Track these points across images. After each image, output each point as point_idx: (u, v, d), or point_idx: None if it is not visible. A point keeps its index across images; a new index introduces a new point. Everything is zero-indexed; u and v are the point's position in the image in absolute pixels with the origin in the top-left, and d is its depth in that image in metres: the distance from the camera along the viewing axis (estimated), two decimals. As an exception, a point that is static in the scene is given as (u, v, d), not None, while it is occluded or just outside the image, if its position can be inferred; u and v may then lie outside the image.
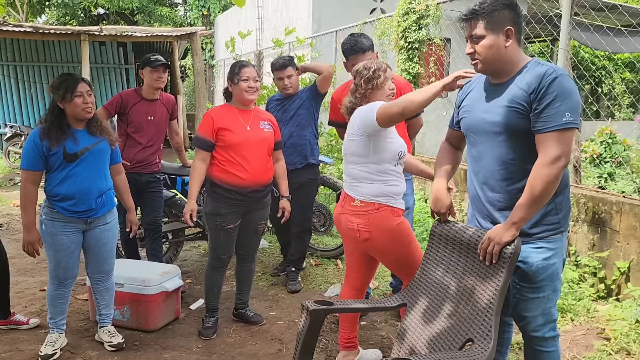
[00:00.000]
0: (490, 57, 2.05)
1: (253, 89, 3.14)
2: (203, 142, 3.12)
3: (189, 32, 10.14)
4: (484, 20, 2.03)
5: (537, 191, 1.93)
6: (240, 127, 3.13)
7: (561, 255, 2.12)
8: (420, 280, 2.38)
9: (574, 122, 1.91)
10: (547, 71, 1.95)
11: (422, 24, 6.03)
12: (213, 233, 3.23)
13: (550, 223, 2.07)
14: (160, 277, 3.36)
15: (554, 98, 1.91)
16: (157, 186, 3.98)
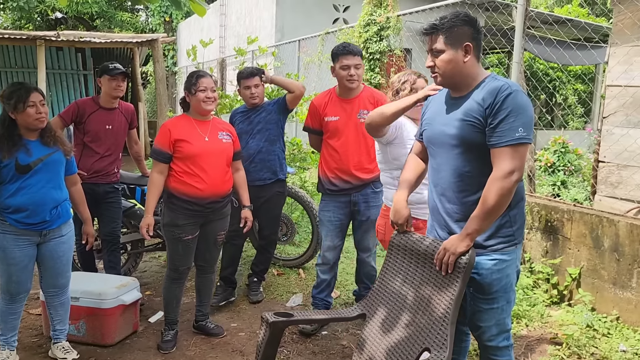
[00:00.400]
0: (448, 71, 2.10)
1: (211, 99, 3.11)
2: (160, 153, 3.08)
3: (150, 38, 10.00)
4: (443, 35, 2.09)
5: (490, 204, 1.99)
6: (198, 137, 3.10)
7: (515, 267, 2.17)
8: (379, 290, 2.41)
9: (527, 137, 1.97)
10: (502, 87, 2.00)
11: (383, 35, 6.13)
12: (171, 244, 3.19)
13: (504, 235, 2.11)
14: (117, 290, 3.29)
15: (508, 113, 1.96)
16: (115, 196, 3.91)
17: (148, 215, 3.08)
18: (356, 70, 3.35)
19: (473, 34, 2.09)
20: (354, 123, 3.40)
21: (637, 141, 4.33)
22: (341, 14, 9.92)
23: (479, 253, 2.09)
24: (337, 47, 3.47)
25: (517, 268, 2.19)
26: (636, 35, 4.43)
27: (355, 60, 3.35)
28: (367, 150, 3.47)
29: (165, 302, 3.30)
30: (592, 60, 9.51)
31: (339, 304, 3.91)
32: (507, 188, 1.97)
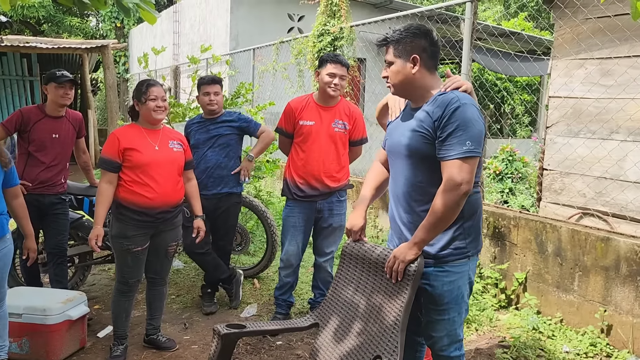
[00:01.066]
0: (398, 82, 2.15)
1: (161, 109, 3.07)
2: (109, 163, 3.01)
3: (100, 45, 9.75)
4: (393, 47, 2.14)
5: (438, 215, 2.02)
6: (148, 146, 3.05)
7: (467, 279, 2.18)
8: (332, 299, 2.43)
9: (475, 150, 1.99)
10: (451, 100, 2.02)
11: (336, 45, 6.20)
12: (120, 256, 3.11)
13: (456, 248, 2.13)
14: (63, 305, 3.17)
15: (456, 127, 1.98)
16: (62, 208, 3.78)
17: (97, 226, 2.99)
18: (341, 81, 3.44)
19: (424, 46, 2.11)
20: (328, 131, 3.47)
21: (577, 150, 4.54)
22: (296, 23, 9.96)
23: (430, 264, 2.13)
24: (328, 54, 3.55)
25: (469, 280, 2.20)
26: (575, 49, 4.66)
27: (343, 71, 3.44)
28: (337, 159, 3.53)
29: (114, 317, 3.21)
30: (535, 72, 9.90)
31: (294, 313, 3.91)
32: (454, 200, 1.99)
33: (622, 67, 4.25)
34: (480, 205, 2.22)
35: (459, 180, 1.98)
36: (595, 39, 4.46)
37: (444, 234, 2.11)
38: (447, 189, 2.00)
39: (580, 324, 3.44)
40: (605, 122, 4.40)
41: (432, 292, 2.15)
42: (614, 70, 4.33)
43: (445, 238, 2.12)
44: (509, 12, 18.01)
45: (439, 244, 2.13)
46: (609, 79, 4.37)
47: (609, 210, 4.39)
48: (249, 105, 6.42)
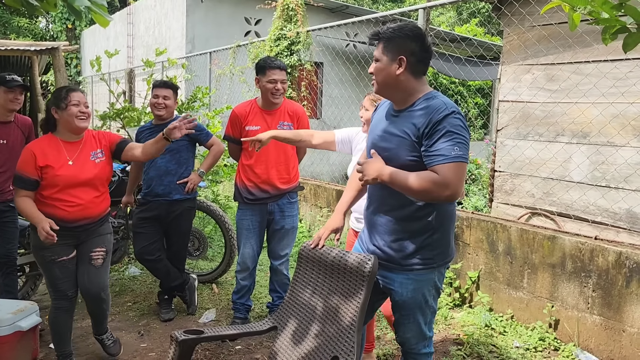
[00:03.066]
0: (381, 80, 2.10)
1: (85, 115, 2.87)
2: (25, 181, 2.79)
3: (50, 47, 9.46)
4: (382, 43, 2.08)
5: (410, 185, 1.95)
6: (63, 162, 2.84)
7: (432, 286, 2.18)
8: (289, 302, 2.45)
9: (463, 157, 1.94)
10: (439, 107, 1.98)
11: (293, 50, 6.24)
12: (46, 270, 2.93)
13: (423, 258, 2.12)
14: (13, 315, 3.07)
15: (444, 134, 1.94)
16: (11, 215, 3.66)
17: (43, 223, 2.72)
18: (282, 85, 3.47)
19: (413, 49, 2.04)
20: None
21: (525, 152, 4.73)
22: (253, 26, 9.95)
23: (395, 270, 2.15)
24: (265, 60, 3.52)
25: (435, 287, 2.20)
26: (522, 55, 4.86)
27: (282, 76, 3.46)
28: (285, 161, 3.56)
29: (56, 337, 3.06)
30: (485, 76, 10.22)
31: (252, 317, 3.91)
32: (431, 192, 1.93)
33: (565, 72, 4.46)
34: (452, 219, 2.19)
35: (448, 180, 1.90)
36: (541, 46, 4.66)
37: (411, 242, 2.11)
38: (435, 183, 1.91)
39: (529, 320, 3.59)
40: (551, 125, 4.61)
41: (396, 296, 2.19)
42: (558, 75, 4.54)
43: (412, 247, 2.11)
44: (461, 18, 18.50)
45: (405, 252, 2.12)
46: (553, 84, 4.58)
47: (555, 210, 4.59)
48: (206, 109, 6.37)
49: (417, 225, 2.11)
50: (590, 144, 4.33)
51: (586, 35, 4.23)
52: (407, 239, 2.12)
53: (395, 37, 2.05)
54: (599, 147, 4.26)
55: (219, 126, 5.64)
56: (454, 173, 1.91)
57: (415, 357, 2.31)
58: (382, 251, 2.18)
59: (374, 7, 19.57)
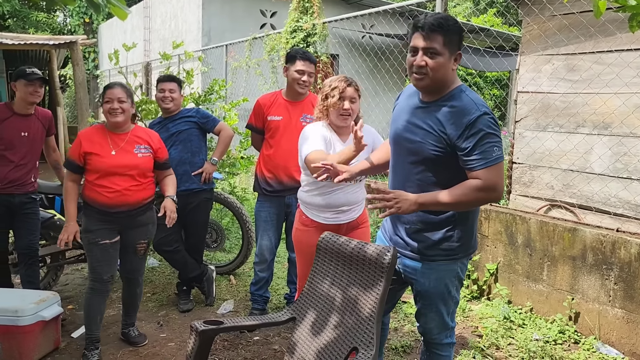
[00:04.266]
0: (439, 75, 2.00)
1: (117, 111, 3.02)
2: (72, 165, 3.07)
3: (68, 40, 9.54)
4: (445, 37, 1.96)
5: (453, 201, 1.97)
6: (107, 151, 3.04)
7: (454, 276, 2.18)
8: (308, 293, 2.46)
9: (502, 156, 1.97)
10: (469, 108, 1.96)
11: (309, 42, 6.22)
12: (89, 251, 3.10)
13: (445, 249, 2.12)
14: (36, 305, 3.13)
15: (482, 136, 1.93)
16: (32, 207, 3.72)
17: (70, 222, 3.02)
18: (309, 78, 3.46)
19: (460, 44, 2.02)
20: (296, 125, 3.46)
21: (545, 143, 4.66)
22: (268, 19, 9.94)
23: (418, 260, 2.16)
24: (297, 50, 3.55)
25: (458, 277, 2.20)
26: (542, 45, 4.78)
27: (311, 68, 3.46)
28: None
29: (87, 319, 3.15)
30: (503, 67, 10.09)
31: (270, 308, 3.92)
32: (481, 201, 1.99)
33: (587, 62, 4.38)
34: (476, 211, 2.19)
35: (493, 184, 1.94)
36: (561, 36, 4.58)
37: (434, 233, 2.11)
38: (480, 190, 1.94)
39: (549, 313, 3.56)
40: (571, 116, 4.54)
41: (418, 286, 2.20)
42: (579, 65, 4.45)
43: (435, 237, 2.11)
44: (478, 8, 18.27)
45: (428, 243, 2.12)
46: (574, 74, 4.50)
47: (575, 202, 4.53)
48: (222, 102, 6.39)
49: (440, 217, 2.10)
50: (612, 135, 4.25)
51: (609, 24, 4.15)
52: (431, 230, 2.12)
53: (456, 31, 1.99)
54: (621, 138, 4.19)
55: (235, 119, 5.65)
56: (498, 174, 1.95)
57: (437, 347, 2.31)
58: (405, 242, 2.19)
59: None
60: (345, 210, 2.81)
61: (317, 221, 2.85)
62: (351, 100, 2.73)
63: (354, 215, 2.84)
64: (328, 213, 2.82)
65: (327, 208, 2.80)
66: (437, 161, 2.04)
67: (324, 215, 2.83)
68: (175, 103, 3.82)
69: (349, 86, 2.74)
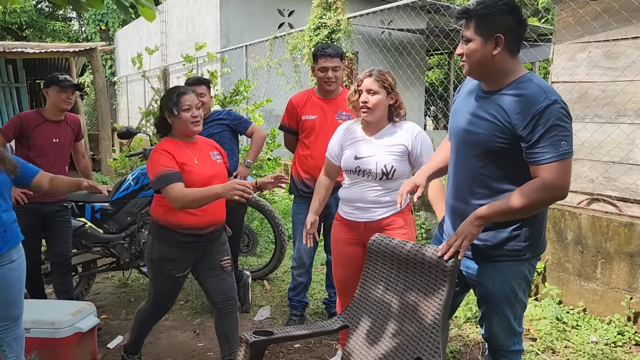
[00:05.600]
0: (475, 62, 1.91)
1: (197, 119, 2.70)
2: (175, 174, 2.56)
3: (87, 47, 9.54)
4: (475, 22, 1.88)
5: (516, 206, 1.85)
6: (191, 161, 2.69)
7: (521, 279, 2.03)
8: (360, 300, 2.32)
9: (571, 150, 1.81)
10: (538, 98, 1.81)
11: (333, 39, 6.09)
12: (159, 281, 2.78)
13: (511, 249, 1.97)
14: (72, 317, 3.04)
15: (549, 127, 1.78)
16: (64, 215, 3.65)
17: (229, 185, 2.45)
18: (334, 73, 3.30)
19: (510, 25, 1.86)
20: (332, 123, 3.32)
21: (583, 134, 4.47)
22: (286, 18, 9.83)
23: (482, 261, 2.02)
24: (317, 48, 3.40)
25: (525, 280, 2.04)
26: (575, 33, 4.59)
27: (334, 62, 3.29)
28: None
29: (137, 335, 2.95)
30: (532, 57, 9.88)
31: (308, 313, 3.80)
32: (544, 202, 1.87)
33: (624, 48, 4.18)
34: (545, 213, 2.06)
35: (556, 181, 1.80)
36: (595, 23, 4.39)
37: (499, 232, 1.96)
38: (544, 189, 1.81)
39: (604, 313, 3.38)
40: (610, 105, 4.34)
41: (482, 290, 2.05)
42: (616, 52, 4.26)
43: (500, 237, 1.96)
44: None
45: (492, 242, 1.98)
46: (611, 62, 4.30)
47: (617, 195, 4.33)
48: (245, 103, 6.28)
49: None
50: (656, 123, 4.05)
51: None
52: (495, 229, 1.97)
53: (490, 14, 1.86)
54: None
55: (260, 119, 5.55)
56: (565, 170, 1.81)
57: (505, 355, 2.14)
58: None
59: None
60: (362, 207, 2.63)
61: (341, 215, 2.75)
62: (369, 91, 2.57)
63: (372, 215, 2.62)
64: (347, 207, 2.70)
65: (346, 202, 2.70)
66: (502, 154, 1.90)
67: (345, 209, 2.72)
68: (206, 107, 3.71)
69: (368, 77, 2.59)
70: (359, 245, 2.68)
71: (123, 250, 4.02)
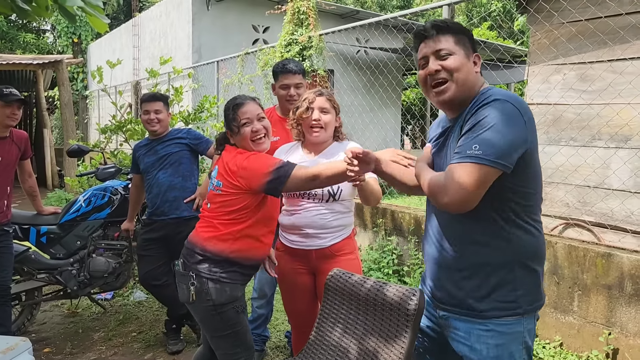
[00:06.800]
0: (462, 78, 1.64)
1: (260, 133, 2.27)
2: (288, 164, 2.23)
3: (53, 60, 9.23)
4: (453, 36, 1.67)
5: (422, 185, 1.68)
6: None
7: (520, 343, 1.66)
8: (316, 342, 2.09)
9: (483, 157, 1.47)
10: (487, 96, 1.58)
11: (305, 55, 5.91)
12: (237, 324, 2.26)
13: (502, 300, 1.63)
14: (2, 355, 2.73)
15: (475, 124, 1.53)
16: (5, 240, 3.35)
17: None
18: (296, 90, 3.06)
19: (474, 46, 1.71)
20: None
21: (556, 158, 4.35)
22: (261, 34, 9.67)
23: (469, 319, 1.67)
24: (277, 65, 3.17)
25: (525, 344, 1.67)
26: (550, 54, 4.49)
27: (296, 79, 3.06)
28: None
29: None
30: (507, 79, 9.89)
31: (270, 347, 3.54)
32: (431, 195, 1.60)
33: (598, 71, 4.09)
34: (540, 251, 1.68)
35: (453, 188, 1.50)
36: (570, 44, 4.30)
37: (484, 280, 1.63)
38: (435, 184, 1.59)
39: (582, 348, 3.19)
40: (584, 129, 4.23)
41: (477, 357, 1.66)
42: (591, 75, 4.16)
43: (486, 285, 1.63)
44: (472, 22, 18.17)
45: (478, 292, 1.64)
46: (586, 84, 4.21)
47: (593, 220, 4.20)
48: (214, 120, 6.05)
49: (490, 257, 1.63)
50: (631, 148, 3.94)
51: (620, 30, 3.87)
52: (478, 275, 1.64)
53: (463, 31, 1.70)
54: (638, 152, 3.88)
55: (228, 138, 5.32)
56: (460, 176, 1.49)
57: None
58: (449, 293, 1.71)
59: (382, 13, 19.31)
60: (311, 234, 2.42)
61: (285, 244, 2.52)
62: (322, 110, 2.42)
63: (323, 242, 2.42)
64: (292, 235, 2.48)
65: (292, 229, 2.47)
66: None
67: (290, 237, 2.49)
68: (162, 124, 3.47)
69: (320, 96, 2.46)
70: (309, 274, 2.49)
71: (70, 277, 3.72)
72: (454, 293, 1.69)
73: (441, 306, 1.74)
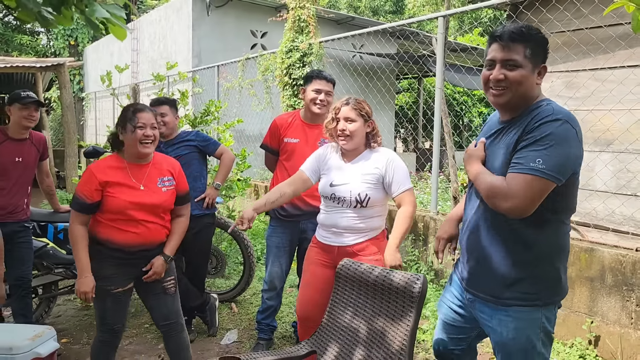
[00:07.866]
0: (521, 91, 1.74)
1: (149, 139, 2.59)
2: (83, 205, 2.55)
3: (56, 63, 9.39)
4: (529, 47, 1.72)
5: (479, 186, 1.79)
6: (130, 187, 2.59)
7: (539, 328, 1.82)
8: (328, 325, 2.32)
9: (545, 171, 1.63)
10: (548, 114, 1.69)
11: (305, 62, 6.15)
12: (98, 300, 2.62)
13: (522, 291, 1.80)
14: (31, 342, 2.92)
15: (536, 140, 1.66)
16: (25, 236, 3.55)
17: (86, 276, 2.51)
18: (327, 97, 3.31)
19: (545, 57, 1.78)
20: (313, 149, 3.30)
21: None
22: (259, 39, 9.90)
23: (493, 304, 1.86)
24: (313, 70, 3.45)
25: (544, 330, 1.83)
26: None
27: (329, 87, 3.32)
28: None
29: None
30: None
31: (276, 337, 3.76)
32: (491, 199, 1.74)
33: (582, 79, 4.36)
34: (564, 247, 1.83)
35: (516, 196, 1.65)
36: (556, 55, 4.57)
37: (506, 272, 1.81)
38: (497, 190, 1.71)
39: (566, 336, 3.45)
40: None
41: (497, 338, 1.88)
42: (576, 82, 4.44)
43: (508, 277, 1.81)
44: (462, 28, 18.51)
45: (500, 283, 1.82)
46: (571, 92, 4.48)
47: (579, 219, 4.46)
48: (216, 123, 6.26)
49: (518, 252, 1.80)
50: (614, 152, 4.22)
51: (601, 42, 4.15)
52: (505, 267, 1.81)
53: (541, 42, 1.75)
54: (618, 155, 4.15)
55: (231, 140, 5.52)
56: (522, 186, 1.65)
57: None
58: (478, 280, 1.92)
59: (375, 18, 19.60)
60: (336, 232, 2.68)
61: (317, 239, 2.82)
62: (346, 119, 2.64)
63: (346, 240, 2.66)
64: (323, 231, 2.77)
65: (323, 226, 2.77)
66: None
67: (321, 232, 2.79)
68: (169, 127, 3.63)
69: (345, 105, 2.67)
70: (330, 267, 2.71)
71: (86, 272, 3.92)
72: (482, 281, 1.90)
73: (470, 290, 1.97)
